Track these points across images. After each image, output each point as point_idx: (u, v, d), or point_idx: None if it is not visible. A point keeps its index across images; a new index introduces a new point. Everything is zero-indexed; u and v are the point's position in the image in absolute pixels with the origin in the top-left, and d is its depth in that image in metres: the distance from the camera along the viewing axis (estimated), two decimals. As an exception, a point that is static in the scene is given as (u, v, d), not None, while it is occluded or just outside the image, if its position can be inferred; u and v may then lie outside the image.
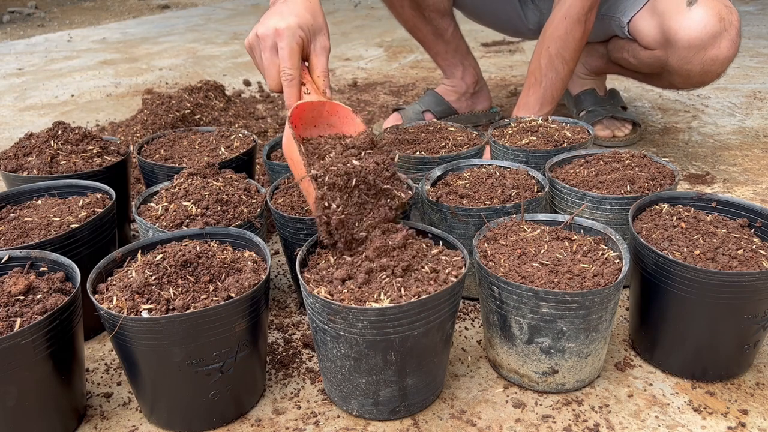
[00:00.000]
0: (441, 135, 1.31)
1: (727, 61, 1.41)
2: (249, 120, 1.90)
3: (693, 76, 1.46)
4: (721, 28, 1.36)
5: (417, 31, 1.83)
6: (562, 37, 1.41)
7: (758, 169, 1.57)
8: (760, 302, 0.81)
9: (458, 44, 1.86)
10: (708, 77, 1.45)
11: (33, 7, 4.97)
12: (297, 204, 1.01)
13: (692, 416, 0.82)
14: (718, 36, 1.37)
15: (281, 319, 1.06)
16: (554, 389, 0.86)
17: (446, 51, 1.86)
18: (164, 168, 1.20)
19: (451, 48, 1.85)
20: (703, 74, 1.44)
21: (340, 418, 0.84)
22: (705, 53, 1.39)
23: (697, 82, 1.49)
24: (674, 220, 0.90)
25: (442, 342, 0.80)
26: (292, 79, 0.97)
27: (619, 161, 1.12)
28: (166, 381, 0.78)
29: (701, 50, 1.39)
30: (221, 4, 4.94)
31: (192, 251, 0.82)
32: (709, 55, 1.39)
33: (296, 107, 0.95)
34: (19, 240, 0.94)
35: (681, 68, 1.45)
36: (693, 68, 1.43)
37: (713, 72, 1.43)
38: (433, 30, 1.81)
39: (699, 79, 1.47)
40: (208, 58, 3.11)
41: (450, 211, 0.99)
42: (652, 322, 0.89)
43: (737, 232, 0.86)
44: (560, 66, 1.43)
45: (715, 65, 1.41)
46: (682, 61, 1.43)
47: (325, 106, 0.97)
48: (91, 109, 2.31)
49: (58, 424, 0.81)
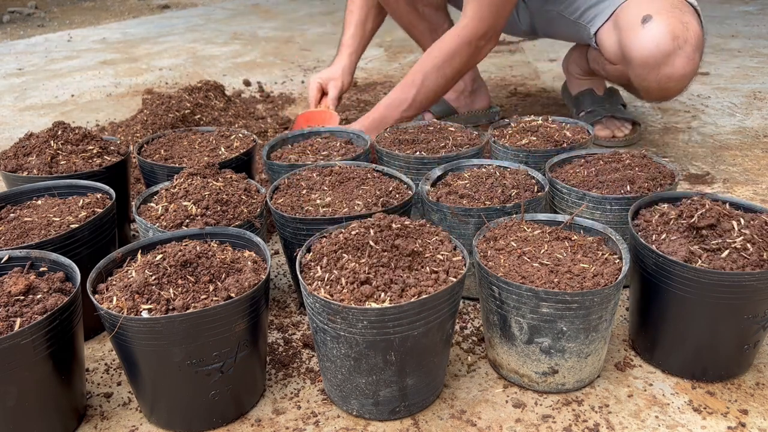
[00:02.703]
0: (441, 135, 1.31)
1: (684, 78, 1.38)
2: (249, 120, 1.90)
3: (652, 92, 1.45)
4: (674, 46, 1.34)
5: (413, 28, 1.84)
6: (449, 53, 1.43)
7: (758, 169, 1.57)
8: (760, 302, 0.81)
9: None
10: (668, 93, 1.45)
11: (33, 7, 4.97)
12: (297, 204, 1.01)
13: (692, 416, 0.82)
14: (672, 54, 1.35)
15: (281, 319, 1.06)
16: (554, 389, 0.86)
17: None
18: (164, 168, 1.20)
19: None
20: (661, 91, 1.43)
21: (340, 418, 0.84)
22: (659, 71, 1.37)
23: (657, 97, 1.49)
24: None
25: (442, 342, 0.80)
26: (313, 100, 1.70)
27: (619, 161, 1.12)
28: (166, 381, 0.78)
29: (655, 68, 1.37)
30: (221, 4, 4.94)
31: (192, 251, 0.82)
32: (663, 73, 1.37)
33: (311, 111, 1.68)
34: (19, 240, 0.94)
35: (639, 85, 1.45)
36: (650, 85, 1.42)
37: (672, 89, 1.42)
38: (429, 26, 1.81)
39: (659, 94, 1.46)
40: (208, 58, 3.11)
41: (450, 211, 0.99)
42: (652, 322, 0.89)
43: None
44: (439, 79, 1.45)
45: (671, 83, 1.39)
46: (638, 79, 1.42)
47: (325, 114, 1.64)
48: (91, 109, 2.31)
49: (58, 424, 0.81)
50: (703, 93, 2.20)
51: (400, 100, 1.47)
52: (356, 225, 0.84)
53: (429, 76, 1.45)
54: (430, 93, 1.47)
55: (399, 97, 1.48)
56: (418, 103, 1.47)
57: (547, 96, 2.25)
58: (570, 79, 1.89)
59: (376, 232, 0.82)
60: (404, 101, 1.47)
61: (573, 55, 1.86)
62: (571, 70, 1.86)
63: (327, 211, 0.99)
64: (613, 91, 1.84)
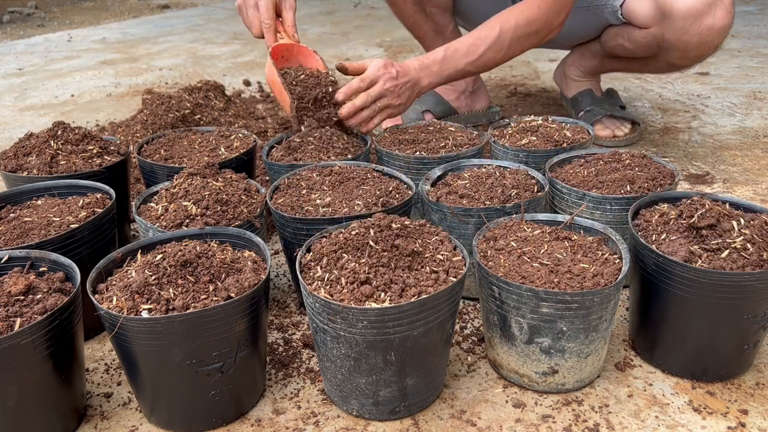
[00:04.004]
0: (441, 135, 1.31)
1: (723, 30, 1.42)
2: (249, 120, 1.90)
3: (690, 48, 1.47)
4: None
5: (418, 28, 1.83)
6: (527, 21, 1.37)
7: (758, 169, 1.57)
8: (760, 302, 0.81)
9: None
10: (705, 49, 1.47)
11: (33, 7, 4.97)
12: (297, 204, 1.01)
13: (692, 416, 0.82)
14: (713, 4, 1.40)
15: (281, 319, 1.06)
16: (554, 389, 0.86)
17: None
18: (164, 168, 1.20)
19: None
20: (700, 45, 1.45)
21: (340, 418, 0.84)
22: (701, 22, 1.41)
23: (694, 56, 1.50)
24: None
25: (442, 342, 0.80)
26: (269, 27, 1.31)
27: (619, 161, 1.12)
28: (166, 381, 0.78)
29: (697, 19, 1.41)
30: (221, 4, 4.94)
31: (192, 251, 0.82)
32: (705, 24, 1.41)
33: (274, 47, 1.32)
34: (19, 240, 0.94)
35: (678, 41, 1.46)
36: (690, 39, 1.44)
37: (710, 43, 1.44)
38: (434, 27, 1.81)
39: (696, 52, 1.48)
40: (208, 58, 3.11)
41: (450, 211, 0.99)
42: (652, 322, 0.89)
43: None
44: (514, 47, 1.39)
45: (711, 35, 1.42)
46: (679, 33, 1.44)
47: (294, 48, 1.35)
48: (91, 109, 2.31)
49: (58, 424, 0.81)
50: (703, 93, 2.20)
51: (468, 50, 1.38)
52: (356, 225, 0.84)
53: (504, 35, 1.37)
54: (492, 59, 1.40)
55: (473, 43, 1.38)
56: (483, 61, 1.40)
57: (547, 96, 2.25)
58: (566, 83, 1.89)
59: (376, 232, 0.81)
60: (473, 53, 1.38)
61: (570, 59, 1.86)
62: (569, 74, 1.86)
63: (327, 211, 0.99)
64: (612, 92, 1.84)
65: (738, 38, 2.95)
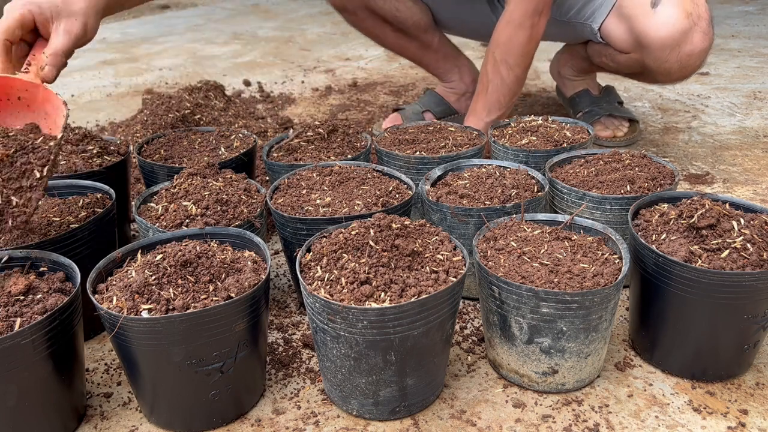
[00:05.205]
0: (441, 135, 1.31)
1: (703, 53, 1.41)
2: (249, 120, 1.90)
3: (673, 72, 1.46)
4: (690, 23, 1.37)
5: (405, 51, 1.86)
6: (506, 42, 1.41)
7: (758, 169, 1.57)
8: (760, 302, 0.81)
9: (447, 50, 1.86)
10: (689, 71, 1.46)
11: (33, 7, 4.96)
12: (297, 204, 1.01)
13: (692, 416, 0.82)
14: (689, 31, 1.37)
15: (281, 319, 1.06)
16: (554, 389, 0.86)
17: (437, 60, 1.86)
18: (164, 168, 1.20)
19: (441, 56, 1.85)
20: (682, 69, 1.45)
21: (340, 418, 0.84)
22: (680, 50, 1.40)
23: (678, 77, 1.50)
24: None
25: (442, 342, 0.80)
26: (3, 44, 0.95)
27: (619, 161, 1.12)
28: (166, 381, 0.78)
29: (675, 48, 1.39)
30: (221, 4, 4.94)
31: (192, 251, 0.82)
32: (684, 51, 1.40)
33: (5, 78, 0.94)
34: (19, 240, 0.94)
35: (660, 67, 1.46)
36: (671, 66, 1.43)
37: (692, 65, 1.44)
38: (420, 45, 1.82)
39: (679, 74, 1.48)
40: (208, 58, 3.11)
41: (450, 211, 0.99)
42: (652, 322, 0.89)
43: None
44: (505, 71, 1.42)
45: (692, 59, 1.41)
46: (658, 62, 1.44)
47: (39, 90, 0.96)
48: (91, 109, 2.31)
49: (58, 424, 0.81)
50: (703, 93, 2.20)
51: (476, 112, 1.48)
52: (356, 225, 0.84)
53: (494, 76, 1.44)
54: (503, 90, 1.45)
55: (474, 109, 1.48)
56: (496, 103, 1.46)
57: (547, 96, 2.25)
58: (563, 82, 1.89)
59: (376, 232, 0.82)
60: (480, 111, 1.47)
61: (562, 57, 1.86)
62: (564, 73, 1.86)
63: (327, 211, 0.99)
64: (609, 90, 1.84)
65: (738, 38, 2.95)
